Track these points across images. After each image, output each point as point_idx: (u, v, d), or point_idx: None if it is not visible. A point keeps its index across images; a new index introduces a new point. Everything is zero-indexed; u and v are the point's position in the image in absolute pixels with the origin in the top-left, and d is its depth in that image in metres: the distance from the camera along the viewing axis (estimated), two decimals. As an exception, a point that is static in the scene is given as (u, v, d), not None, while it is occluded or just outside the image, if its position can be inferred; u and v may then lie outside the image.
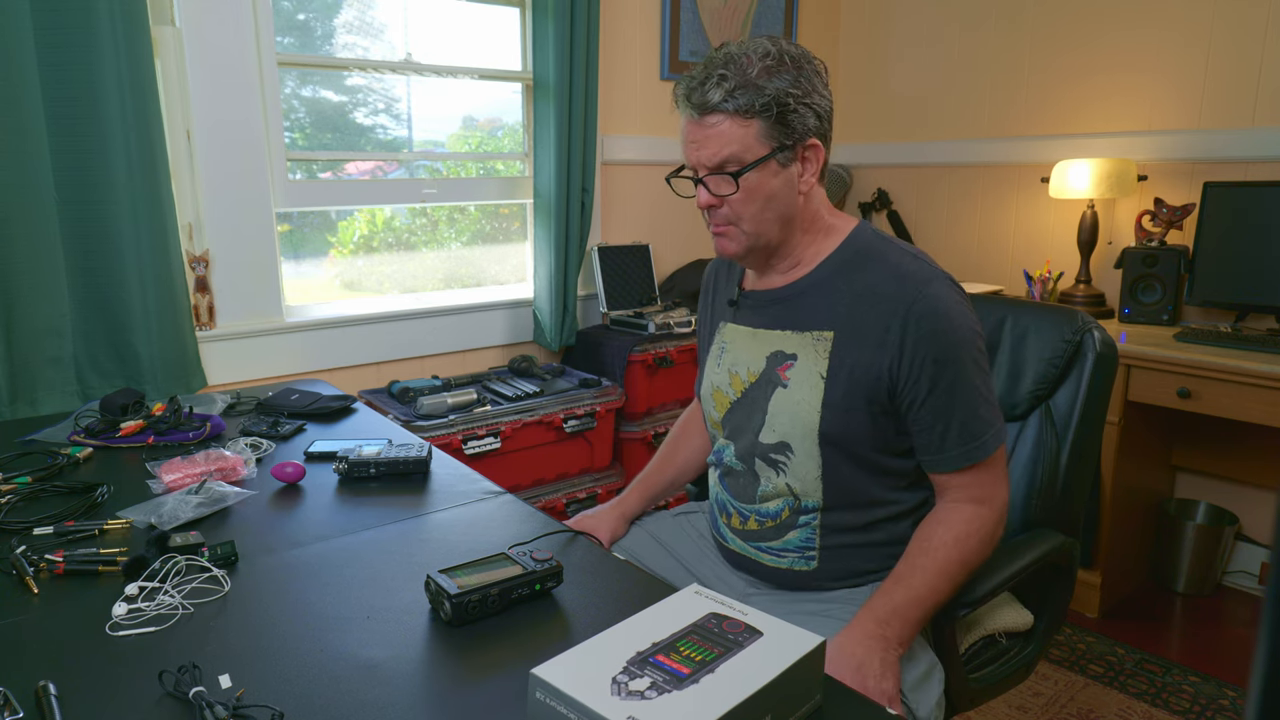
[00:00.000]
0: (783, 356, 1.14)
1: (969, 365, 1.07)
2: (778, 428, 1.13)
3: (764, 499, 1.17)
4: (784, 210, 1.11)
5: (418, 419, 2.15)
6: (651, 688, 0.69)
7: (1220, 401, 2.13)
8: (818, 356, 1.11)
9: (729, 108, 1.05)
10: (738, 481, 1.20)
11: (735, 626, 0.78)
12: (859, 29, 3.46)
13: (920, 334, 1.05)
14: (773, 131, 1.06)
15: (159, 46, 2.00)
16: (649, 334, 2.62)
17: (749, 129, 1.05)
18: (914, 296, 1.06)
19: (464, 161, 2.71)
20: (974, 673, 1.23)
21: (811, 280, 1.15)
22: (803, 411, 1.10)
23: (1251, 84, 2.45)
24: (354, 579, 1.01)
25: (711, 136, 1.07)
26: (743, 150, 1.06)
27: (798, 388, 1.12)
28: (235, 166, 2.14)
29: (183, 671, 0.78)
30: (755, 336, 1.19)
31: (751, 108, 1.04)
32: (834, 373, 1.09)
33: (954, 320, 1.06)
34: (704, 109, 1.06)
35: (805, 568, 1.16)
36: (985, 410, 1.08)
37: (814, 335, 1.12)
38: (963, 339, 1.06)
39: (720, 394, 1.22)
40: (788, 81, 1.05)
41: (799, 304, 1.15)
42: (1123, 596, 2.53)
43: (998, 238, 3.11)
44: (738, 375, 1.20)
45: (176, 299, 2.03)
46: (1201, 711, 1.99)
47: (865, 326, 1.08)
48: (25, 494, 1.24)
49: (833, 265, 1.14)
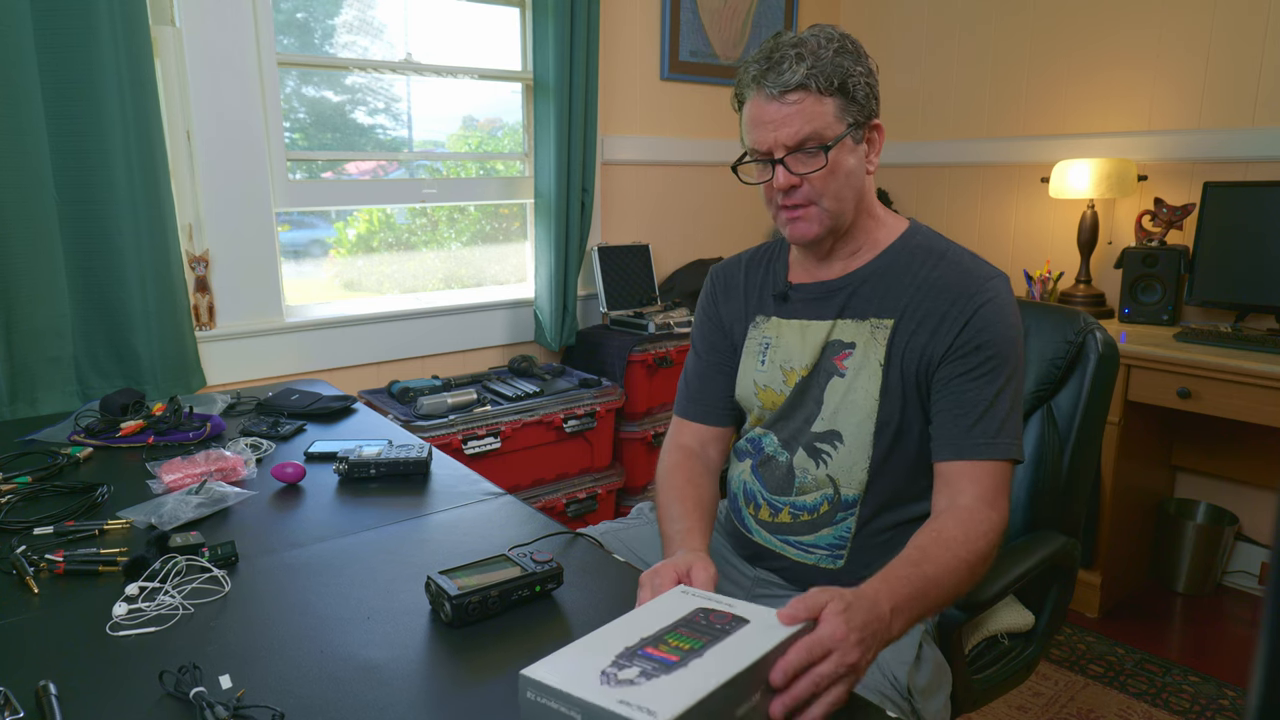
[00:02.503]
0: (840, 346, 1.15)
1: (1010, 366, 1.08)
2: (830, 417, 1.14)
3: (802, 491, 1.16)
4: (859, 189, 1.13)
5: (418, 419, 2.15)
6: (641, 675, 0.69)
7: (1220, 401, 2.13)
8: (876, 344, 1.12)
9: (810, 85, 1.06)
10: (774, 472, 1.19)
11: (723, 618, 0.78)
12: (859, 29, 3.46)
13: (976, 324, 1.07)
14: (848, 108, 1.09)
15: (159, 46, 2.00)
16: (649, 334, 2.62)
17: (827, 106, 1.07)
18: (977, 289, 1.08)
19: (464, 161, 2.71)
20: (977, 674, 1.23)
21: (873, 269, 1.16)
22: (860, 399, 1.11)
23: (1251, 84, 2.45)
24: (354, 580, 1.01)
25: (793, 115, 1.07)
26: (824, 127, 1.08)
27: (855, 375, 1.12)
28: (235, 166, 2.14)
29: (183, 672, 0.78)
30: (807, 329, 1.18)
31: (830, 85, 1.07)
32: (891, 359, 1.11)
33: (1008, 320, 1.09)
34: (784, 88, 1.07)
35: (832, 566, 1.15)
36: (1008, 418, 1.07)
37: (873, 323, 1.13)
38: (1012, 338, 1.08)
39: (770, 392, 1.20)
40: (853, 60, 1.08)
41: (860, 293, 1.15)
42: (1123, 596, 2.53)
43: (998, 238, 3.11)
44: (791, 370, 1.18)
45: (176, 299, 2.03)
46: (1201, 711, 1.99)
47: (925, 315, 1.10)
48: (25, 494, 1.23)
49: (894, 255, 1.15)
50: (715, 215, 3.21)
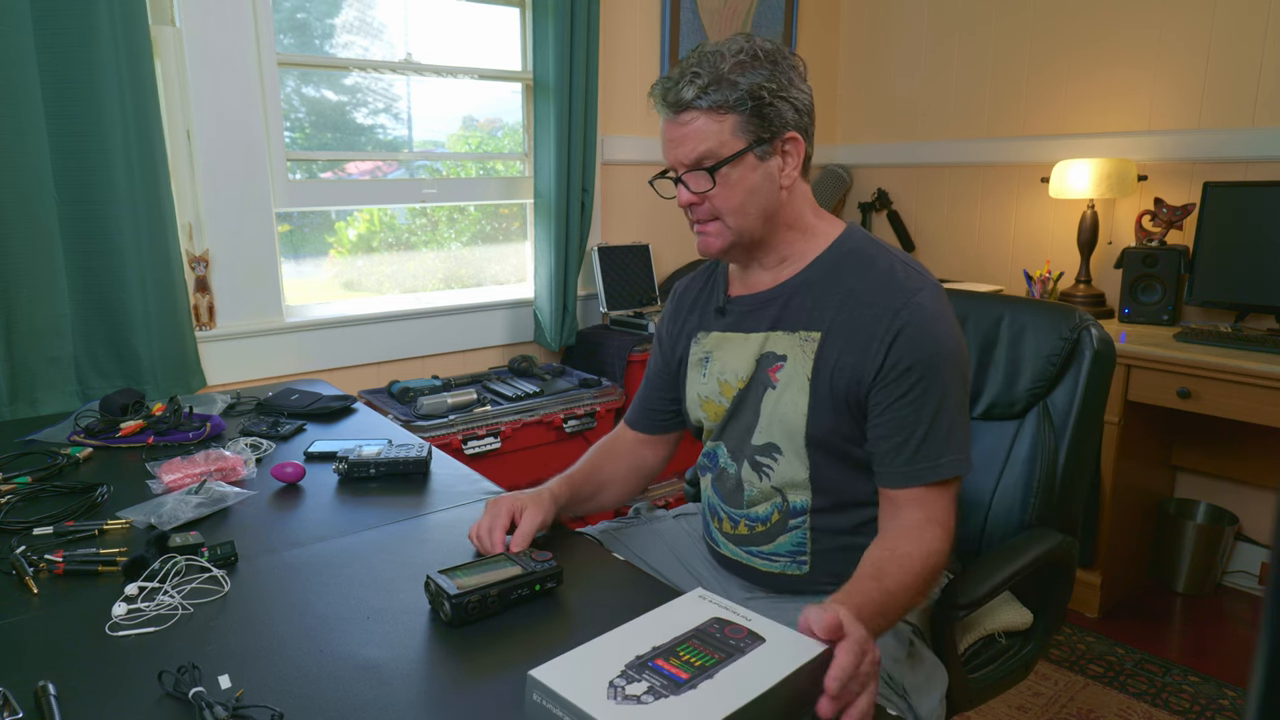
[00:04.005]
0: (773, 358, 1.13)
1: (943, 382, 1.04)
2: (766, 429, 1.13)
3: (751, 503, 1.16)
4: (766, 204, 1.11)
5: (418, 419, 2.15)
6: (648, 692, 0.68)
7: (1220, 401, 2.13)
8: (805, 358, 1.10)
9: (703, 104, 1.05)
10: (727, 485, 1.20)
11: (738, 632, 0.77)
12: (859, 29, 3.46)
13: (902, 341, 1.04)
14: (749, 125, 1.06)
15: (159, 46, 2.00)
16: (649, 334, 2.62)
17: (724, 124, 1.06)
18: (902, 304, 1.05)
19: (464, 161, 2.71)
20: (973, 672, 1.23)
21: (802, 279, 1.14)
22: (789, 413, 1.10)
23: (1251, 84, 2.45)
24: (354, 579, 1.01)
25: (688, 134, 1.07)
26: (718, 145, 1.06)
27: (786, 389, 1.11)
28: (235, 166, 2.14)
29: (182, 672, 0.78)
30: (746, 341, 1.17)
31: (726, 103, 1.05)
32: (818, 374, 1.09)
33: (938, 332, 1.05)
34: (679, 107, 1.07)
35: (798, 572, 1.15)
36: (949, 433, 1.04)
37: (802, 336, 1.11)
38: (943, 352, 1.05)
39: (711, 404, 1.21)
40: (763, 76, 1.05)
41: (789, 304, 1.14)
42: (1123, 596, 2.53)
43: (998, 238, 3.11)
44: (727, 382, 1.18)
45: (176, 299, 2.03)
46: (1201, 711, 1.99)
47: (851, 329, 1.08)
48: (25, 494, 1.24)
49: (823, 265, 1.13)
50: (715, 215, 3.21)
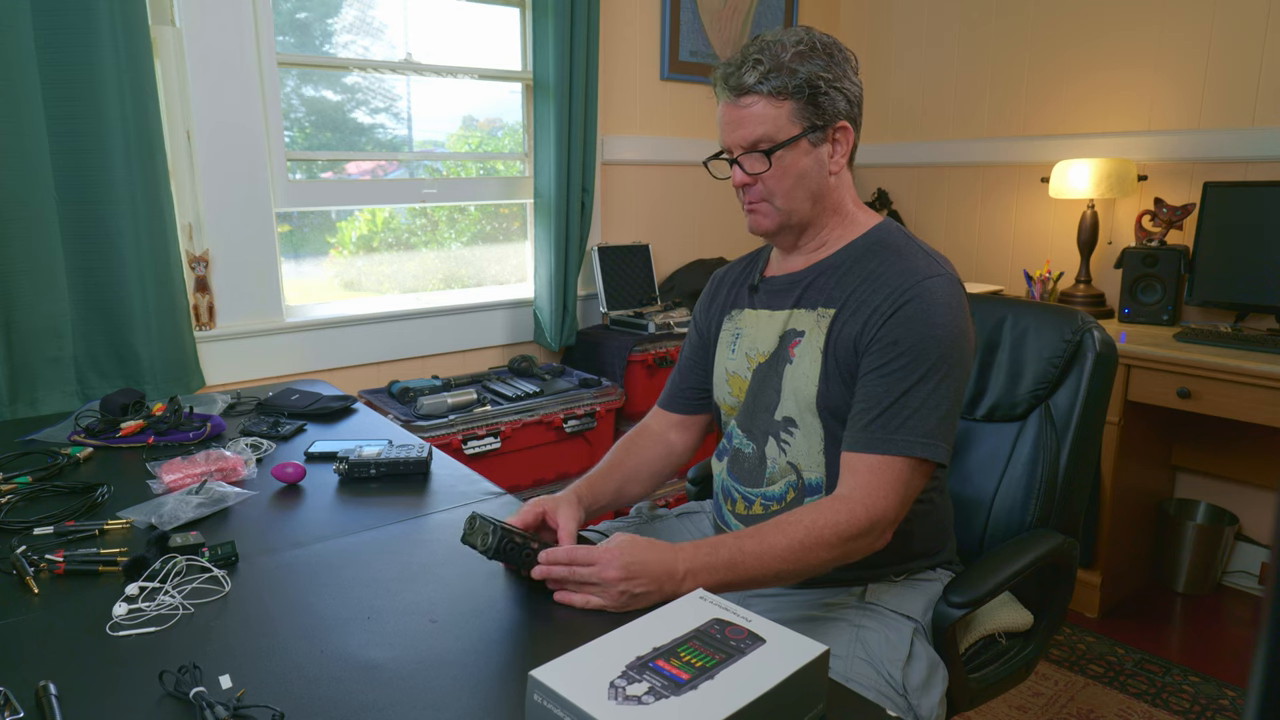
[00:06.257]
0: (794, 334, 1.18)
1: (927, 365, 1.05)
2: (785, 403, 1.17)
3: (770, 481, 1.19)
4: (814, 189, 1.16)
5: (418, 419, 2.15)
6: (649, 693, 0.68)
7: (1220, 401, 2.13)
8: (819, 331, 1.14)
9: (763, 89, 1.10)
10: (744, 465, 1.22)
11: (738, 633, 0.77)
12: (859, 29, 3.46)
13: (899, 318, 1.07)
14: (805, 112, 1.11)
15: (159, 46, 2.00)
16: (649, 334, 2.62)
17: (782, 110, 1.11)
18: (910, 284, 1.09)
19: (464, 161, 2.71)
20: (974, 672, 1.23)
21: (831, 263, 1.19)
22: (803, 384, 1.14)
23: (1251, 84, 2.45)
24: (354, 579, 1.01)
25: (746, 118, 1.12)
26: (775, 130, 1.12)
27: (800, 361, 1.15)
28: (235, 166, 2.14)
29: (183, 672, 0.78)
30: (772, 318, 1.22)
31: (785, 89, 1.10)
32: (829, 345, 1.13)
33: (936, 317, 1.07)
34: (740, 91, 1.12)
35: None
36: (916, 413, 1.04)
37: (819, 312, 1.16)
38: (935, 336, 1.06)
39: (736, 378, 1.25)
40: (820, 66, 1.11)
41: (815, 284, 1.19)
42: (1123, 596, 2.53)
43: (998, 238, 3.11)
44: (751, 356, 1.23)
45: (176, 299, 2.03)
46: (1201, 711, 1.99)
47: (859, 303, 1.12)
48: (25, 494, 1.24)
49: (853, 251, 1.18)
50: (715, 215, 3.21)
